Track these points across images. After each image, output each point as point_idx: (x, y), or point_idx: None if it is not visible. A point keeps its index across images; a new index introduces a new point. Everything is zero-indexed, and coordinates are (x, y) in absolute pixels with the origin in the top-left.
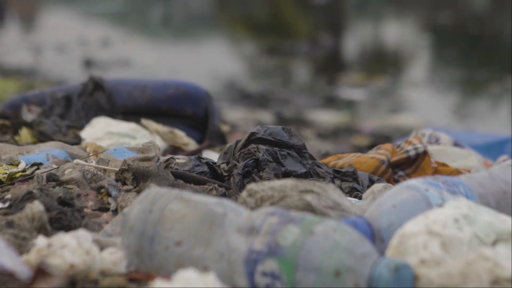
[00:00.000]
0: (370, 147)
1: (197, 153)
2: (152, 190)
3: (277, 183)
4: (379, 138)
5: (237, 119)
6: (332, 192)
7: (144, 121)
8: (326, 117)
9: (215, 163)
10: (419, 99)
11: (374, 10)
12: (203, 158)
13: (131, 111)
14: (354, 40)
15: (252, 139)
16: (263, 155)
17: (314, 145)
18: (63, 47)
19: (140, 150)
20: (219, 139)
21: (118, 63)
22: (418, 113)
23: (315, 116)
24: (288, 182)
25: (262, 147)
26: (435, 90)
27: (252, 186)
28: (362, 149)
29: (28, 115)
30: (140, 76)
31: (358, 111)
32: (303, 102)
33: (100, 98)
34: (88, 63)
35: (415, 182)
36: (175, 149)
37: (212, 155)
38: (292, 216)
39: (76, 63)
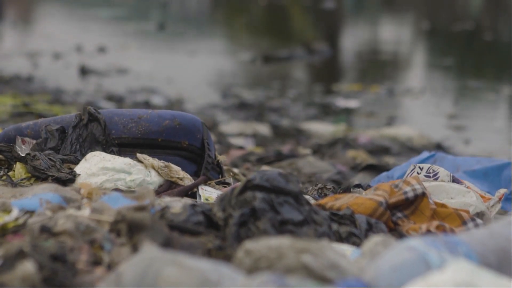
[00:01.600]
0: (367, 166)
1: (193, 188)
2: (147, 252)
3: (274, 242)
4: (376, 150)
5: (234, 131)
6: (329, 251)
7: (139, 155)
8: (322, 128)
9: (210, 210)
10: (415, 107)
11: (370, 15)
12: (198, 206)
13: (126, 143)
14: (351, 46)
15: (249, 185)
16: (259, 203)
17: (309, 167)
18: (60, 54)
19: (135, 197)
20: (215, 171)
21: (114, 71)
22: (414, 122)
23: (311, 127)
24: (285, 242)
25: (259, 195)
26: (431, 98)
27: (248, 245)
28: (358, 167)
29: (23, 147)
30: (136, 84)
31: (354, 121)
32: (299, 111)
33: (95, 129)
34: (84, 71)
35: (415, 243)
36: (170, 184)
37: (208, 190)
38: (289, 284)
39: (72, 70)
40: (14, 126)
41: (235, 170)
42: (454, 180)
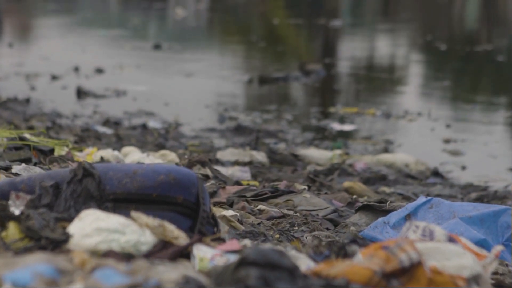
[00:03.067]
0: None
1: (188, 248)
2: None
3: None
4: (372, 178)
5: (230, 158)
6: None
7: (134, 214)
8: (319, 154)
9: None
10: (411, 131)
11: (366, 28)
12: (194, 279)
13: (121, 198)
14: (347, 65)
15: (243, 262)
16: (254, 282)
17: (305, 203)
18: (57, 75)
19: (129, 271)
20: (211, 225)
21: (111, 92)
22: (411, 146)
23: (308, 153)
24: None
25: (253, 272)
26: (428, 121)
27: None
28: (354, 203)
29: (17, 203)
30: (133, 106)
31: (350, 146)
32: (295, 135)
33: (89, 185)
34: (81, 93)
35: None
36: (165, 243)
37: (203, 249)
38: None
39: (69, 92)
40: (8, 180)
41: (231, 214)
42: (450, 239)
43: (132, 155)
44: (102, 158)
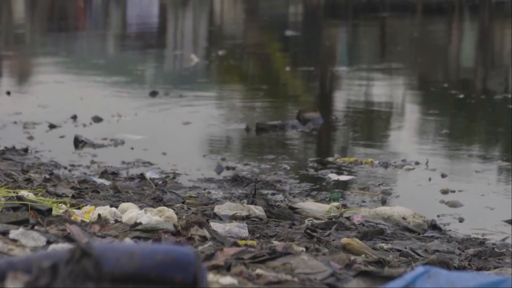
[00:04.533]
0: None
1: None
2: None
3: None
4: (370, 233)
5: (228, 213)
6: None
7: None
8: (317, 207)
9: None
10: (409, 181)
11: (364, 70)
12: None
13: (118, 278)
14: (345, 111)
15: None
16: None
17: (303, 266)
18: (55, 123)
19: None
20: None
21: (109, 141)
22: (409, 197)
23: (305, 205)
24: None
25: None
26: (426, 171)
27: None
28: (351, 266)
29: (15, 283)
30: (130, 155)
31: (348, 197)
32: (293, 186)
33: (87, 265)
34: (79, 142)
35: None
36: None
37: None
38: None
39: (67, 141)
40: (5, 260)
41: (228, 282)
42: None
43: (130, 212)
44: (100, 216)
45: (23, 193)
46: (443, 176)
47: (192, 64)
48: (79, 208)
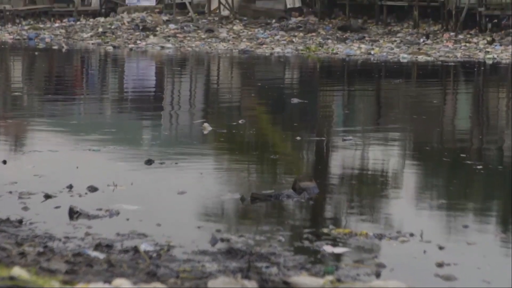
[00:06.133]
0: None
1: None
2: None
3: None
4: None
5: None
6: None
7: None
8: (311, 281)
9: None
10: (404, 254)
11: (357, 135)
12: None
13: None
14: (340, 179)
15: None
16: None
17: None
18: (50, 194)
19: None
20: None
21: (104, 212)
22: (403, 271)
23: (300, 280)
24: None
25: None
26: (420, 243)
27: None
28: None
29: None
30: (125, 226)
31: (342, 271)
32: (287, 258)
33: None
34: (73, 213)
35: None
36: None
37: None
38: None
39: (62, 212)
40: None
41: None
42: None
43: None
44: None
45: (16, 271)
46: (440, 248)
47: (205, 132)
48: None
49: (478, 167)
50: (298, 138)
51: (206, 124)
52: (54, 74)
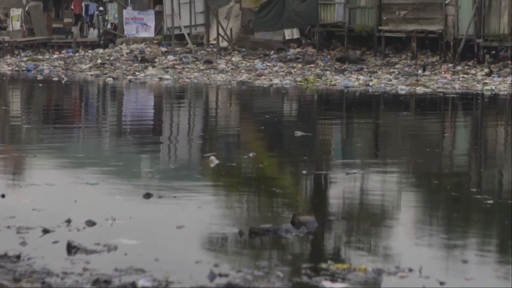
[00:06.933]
0: None
1: None
2: None
3: None
4: None
5: None
6: None
7: None
8: None
9: None
10: None
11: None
12: None
13: None
14: (338, 212)
15: None
16: None
17: None
18: (48, 228)
19: None
20: None
21: (102, 246)
22: None
23: None
24: None
25: None
26: (420, 278)
27: None
28: None
29: None
30: (123, 261)
31: None
32: None
33: None
34: (71, 248)
35: None
36: None
37: None
38: None
39: (60, 247)
40: None
41: None
42: None
43: None
44: None
45: None
46: (441, 284)
47: (211, 166)
48: None
49: (488, 201)
50: (304, 172)
51: (213, 157)
52: (53, 105)
